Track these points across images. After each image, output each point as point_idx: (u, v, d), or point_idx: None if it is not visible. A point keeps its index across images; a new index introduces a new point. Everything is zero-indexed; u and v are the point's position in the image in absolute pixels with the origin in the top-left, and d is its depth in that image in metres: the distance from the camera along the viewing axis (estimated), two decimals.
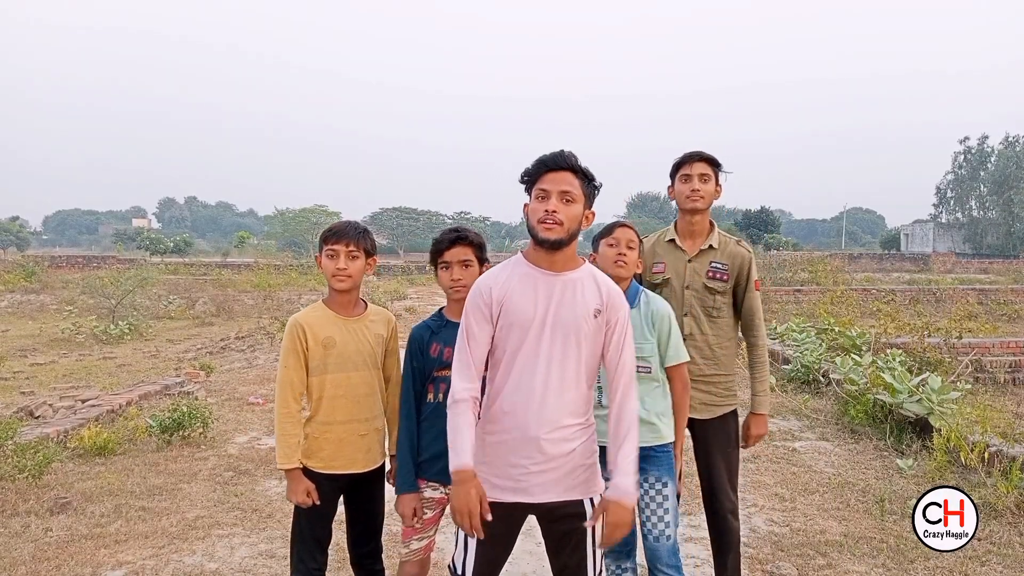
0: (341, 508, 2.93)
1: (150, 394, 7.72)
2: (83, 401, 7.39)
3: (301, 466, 2.72)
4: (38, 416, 7.10)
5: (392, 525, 3.68)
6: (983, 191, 61.96)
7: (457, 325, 2.42)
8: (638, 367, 2.65)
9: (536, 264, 2.34)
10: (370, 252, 2.80)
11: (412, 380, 2.75)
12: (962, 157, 63.70)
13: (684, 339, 3.12)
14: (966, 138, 63.75)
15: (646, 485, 2.77)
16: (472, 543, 2.37)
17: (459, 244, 2.73)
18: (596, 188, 2.35)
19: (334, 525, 2.88)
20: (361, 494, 2.89)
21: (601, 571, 2.43)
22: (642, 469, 2.70)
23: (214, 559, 4.00)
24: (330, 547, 2.93)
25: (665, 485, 2.77)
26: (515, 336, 2.31)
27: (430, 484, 2.76)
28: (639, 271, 2.91)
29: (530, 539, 4.22)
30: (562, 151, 2.29)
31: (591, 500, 2.37)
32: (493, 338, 2.34)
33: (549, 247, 2.27)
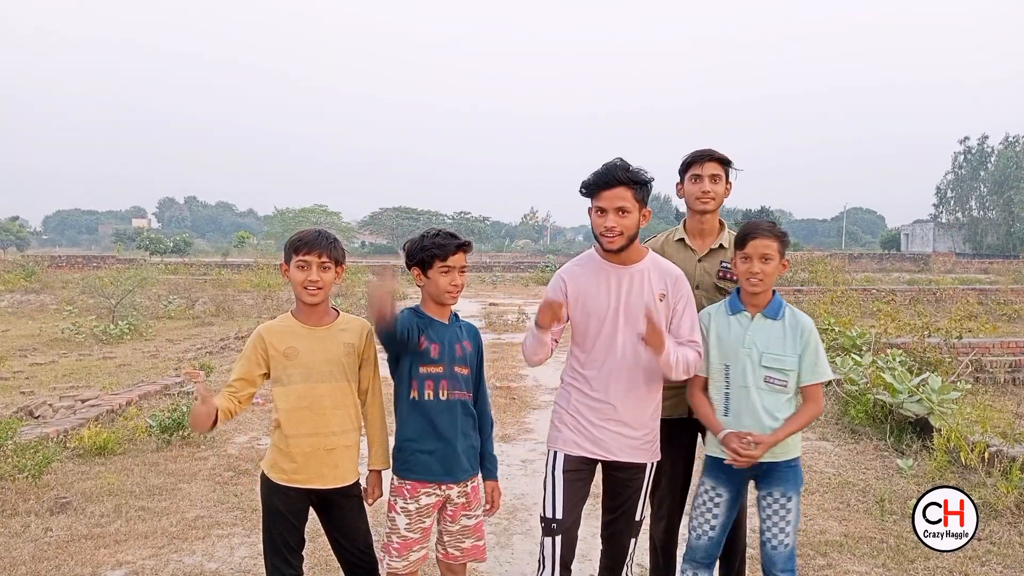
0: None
1: (150, 394, 7.72)
2: (83, 401, 7.38)
3: (216, 408, 2.51)
4: (38, 416, 7.09)
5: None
6: (983, 191, 62.03)
7: (438, 322, 2.76)
8: (773, 380, 2.71)
9: (607, 259, 2.75)
10: (339, 261, 2.70)
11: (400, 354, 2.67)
12: (962, 157, 63.78)
13: None
14: (966, 138, 63.92)
15: (770, 499, 2.76)
16: (560, 488, 2.76)
17: (462, 250, 2.72)
18: (649, 188, 2.64)
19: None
20: (333, 513, 2.76)
21: (644, 515, 2.87)
22: (766, 483, 2.77)
23: (214, 559, 4.00)
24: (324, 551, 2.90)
25: (789, 499, 2.76)
26: (594, 323, 2.74)
27: (424, 487, 2.69)
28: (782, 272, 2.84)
29: (530, 540, 4.22)
30: (613, 166, 2.59)
31: (652, 464, 2.84)
32: (571, 322, 2.80)
33: (614, 254, 2.68)
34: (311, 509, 2.79)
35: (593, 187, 2.60)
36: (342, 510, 2.75)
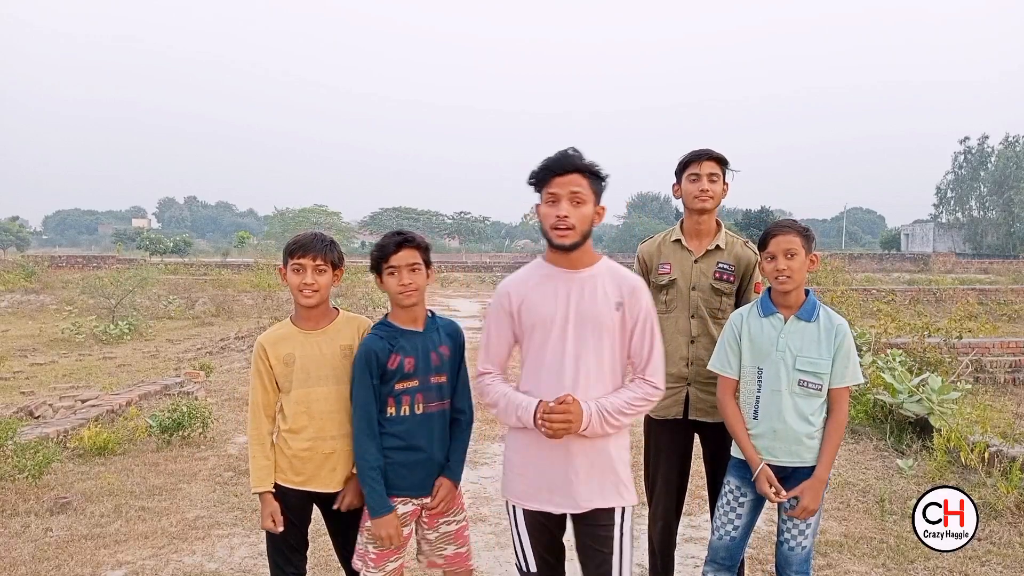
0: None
1: (150, 394, 7.72)
2: (83, 401, 7.39)
3: (273, 490, 2.65)
4: (38, 416, 7.10)
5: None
6: (983, 191, 61.98)
7: (410, 332, 2.58)
8: (808, 383, 2.67)
9: (555, 264, 2.43)
10: (337, 264, 2.67)
11: (370, 397, 2.57)
12: (962, 157, 63.72)
13: (692, 341, 3.09)
14: (966, 138, 63.83)
15: (794, 501, 2.71)
16: (527, 542, 2.50)
17: (406, 247, 2.55)
18: (604, 183, 2.38)
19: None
20: (335, 517, 2.75)
21: (630, 569, 2.46)
22: (792, 486, 2.71)
23: (214, 559, 4.00)
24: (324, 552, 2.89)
25: None
26: (539, 334, 2.40)
27: (400, 499, 2.61)
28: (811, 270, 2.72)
29: None
30: (567, 152, 2.32)
31: (623, 509, 2.43)
32: (516, 338, 2.48)
33: (565, 251, 2.35)
34: (318, 510, 2.80)
35: (546, 172, 2.30)
36: (344, 514, 2.74)
